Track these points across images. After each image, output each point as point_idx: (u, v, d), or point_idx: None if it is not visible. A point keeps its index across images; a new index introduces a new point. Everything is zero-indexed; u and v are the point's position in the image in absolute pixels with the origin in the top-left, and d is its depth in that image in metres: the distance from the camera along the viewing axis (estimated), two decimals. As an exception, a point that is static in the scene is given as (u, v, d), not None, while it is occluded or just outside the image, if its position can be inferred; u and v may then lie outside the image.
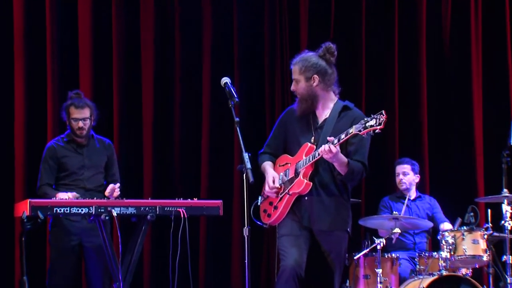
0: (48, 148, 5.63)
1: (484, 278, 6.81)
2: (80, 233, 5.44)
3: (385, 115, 4.17)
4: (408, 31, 7.93)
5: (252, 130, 7.22)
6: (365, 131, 4.23)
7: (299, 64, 4.58)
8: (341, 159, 4.35)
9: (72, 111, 5.54)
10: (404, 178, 6.86)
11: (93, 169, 5.60)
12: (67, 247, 5.43)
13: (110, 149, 5.78)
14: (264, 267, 7.35)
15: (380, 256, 6.09)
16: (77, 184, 5.52)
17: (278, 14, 7.67)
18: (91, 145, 5.65)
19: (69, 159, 5.55)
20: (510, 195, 6.20)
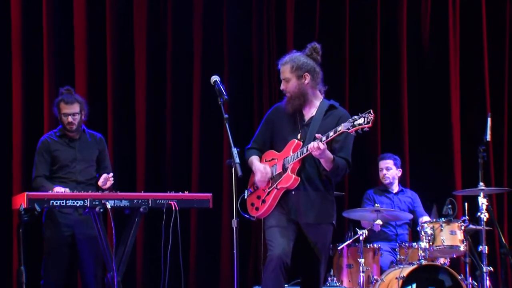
0: (42, 141, 5.61)
1: (461, 267, 6.84)
2: (73, 225, 5.43)
3: (372, 114, 4.18)
4: (390, 31, 7.94)
5: (240, 126, 7.23)
6: (354, 129, 4.23)
7: (290, 64, 4.56)
8: (328, 156, 4.35)
9: (62, 106, 5.53)
10: (388, 173, 6.88)
11: (84, 162, 5.58)
12: (60, 238, 5.41)
13: (102, 143, 5.76)
14: (252, 257, 7.36)
15: (363, 246, 6.11)
16: (69, 177, 5.50)
17: (266, 16, 7.67)
18: (82, 139, 5.63)
19: (61, 152, 5.53)
20: (486, 189, 6.23)
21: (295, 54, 4.62)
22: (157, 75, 7.44)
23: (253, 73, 7.63)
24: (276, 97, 7.34)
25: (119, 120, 7.26)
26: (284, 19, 7.71)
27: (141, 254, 7.16)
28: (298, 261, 4.54)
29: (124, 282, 5.18)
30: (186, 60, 7.51)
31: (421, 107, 7.98)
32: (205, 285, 7.41)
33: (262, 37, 7.65)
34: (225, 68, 7.51)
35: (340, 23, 7.83)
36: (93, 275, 5.45)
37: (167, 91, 7.42)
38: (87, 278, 5.49)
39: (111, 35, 7.23)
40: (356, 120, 4.23)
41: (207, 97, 7.16)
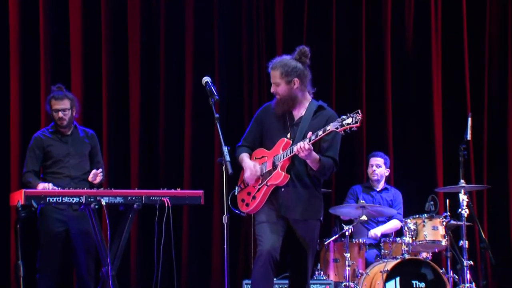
0: (35, 138, 5.59)
1: (443, 261, 6.85)
2: (67, 220, 5.41)
3: (360, 114, 4.18)
4: (374, 33, 7.95)
5: (231, 125, 7.23)
6: (342, 129, 4.23)
7: (280, 69, 4.52)
8: (314, 157, 4.34)
9: (53, 102, 5.51)
10: (377, 170, 6.86)
11: (77, 156, 5.56)
12: (55, 233, 5.40)
13: (94, 139, 5.73)
14: (242, 252, 7.36)
15: (348, 241, 6.11)
16: (63, 172, 5.48)
17: (255, 19, 7.67)
18: (75, 135, 5.61)
19: (54, 147, 5.51)
20: (466, 186, 6.25)
21: (285, 58, 4.59)
22: (150, 75, 7.43)
23: (243, 74, 7.63)
24: (266, 97, 7.35)
25: (113, 119, 7.25)
26: (273, 21, 7.71)
27: (135, 249, 7.14)
28: (287, 256, 4.54)
29: (119, 276, 5.17)
30: (179, 61, 7.50)
31: (404, 107, 7.99)
32: (196, 278, 7.40)
33: (252, 38, 7.65)
34: (216, 69, 7.51)
35: (327, 25, 7.83)
36: (86, 269, 5.44)
37: (160, 92, 7.42)
38: (81, 272, 5.47)
39: (106, 36, 7.22)
40: (344, 120, 4.23)
41: (199, 97, 7.14)
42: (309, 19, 7.80)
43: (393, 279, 5.81)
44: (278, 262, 4.42)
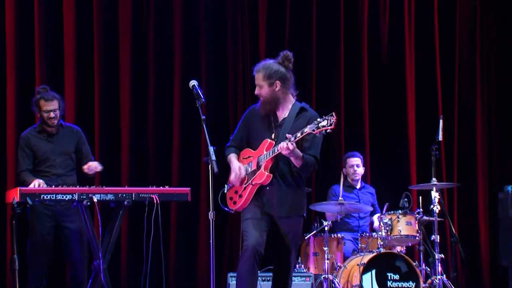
0: (22, 137, 5.53)
1: (416, 255, 6.86)
2: (56, 215, 5.36)
3: (335, 117, 4.18)
4: (352, 38, 7.96)
5: (217, 126, 7.21)
6: (318, 131, 4.22)
7: (262, 72, 4.52)
8: (297, 154, 4.34)
9: (43, 104, 5.43)
10: (358, 169, 6.86)
11: (63, 155, 5.50)
12: (45, 228, 5.34)
13: (79, 134, 5.67)
14: (228, 247, 7.34)
15: (328, 236, 6.11)
16: (50, 170, 5.43)
17: (240, 25, 7.66)
18: (60, 133, 5.54)
19: (40, 147, 5.45)
20: (438, 184, 6.27)
21: (268, 62, 4.58)
22: (140, 78, 7.42)
23: (228, 78, 7.62)
24: (250, 99, 7.35)
25: (105, 120, 7.24)
26: (257, 27, 7.71)
27: (125, 244, 7.12)
28: (271, 250, 4.53)
29: (110, 269, 5.13)
30: (167, 65, 7.49)
31: (380, 109, 8.00)
32: (184, 272, 7.38)
33: (237, 44, 7.64)
34: (202, 73, 7.50)
35: (308, 32, 7.83)
36: (80, 260, 5.37)
37: (150, 94, 7.41)
38: (74, 263, 5.41)
39: (97, 40, 7.20)
40: (320, 122, 4.23)
41: (186, 100, 7.13)
42: (290, 27, 7.80)
43: (369, 271, 5.82)
44: (263, 256, 4.41)
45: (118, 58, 7.30)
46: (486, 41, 8.29)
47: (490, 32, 8.30)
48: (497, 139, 8.06)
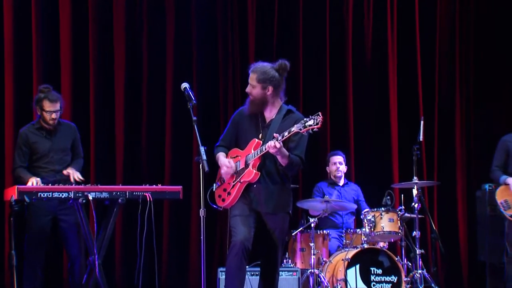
0: (20, 134, 5.47)
1: (398, 250, 6.87)
2: (52, 209, 5.31)
3: (321, 116, 4.18)
4: (337, 41, 7.97)
5: (207, 127, 7.19)
6: (305, 130, 4.22)
7: (258, 74, 4.50)
8: (284, 153, 4.34)
9: (47, 105, 5.35)
10: (340, 167, 6.87)
11: (60, 151, 5.46)
12: (41, 222, 5.30)
13: (75, 132, 5.62)
14: (218, 242, 7.33)
15: (314, 232, 6.11)
16: (48, 166, 5.38)
17: (230, 28, 7.66)
18: (58, 131, 5.48)
19: (39, 144, 5.40)
20: (419, 182, 6.28)
21: (267, 65, 4.55)
22: (134, 81, 7.39)
23: (219, 80, 7.61)
24: (239, 101, 7.34)
25: (100, 120, 7.21)
26: (246, 31, 7.70)
27: (119, 240, 7.09)
28: (259, 246, 4.52)
29: (104, 264, 5.11)
30: (160, 68, 7.47)
31: (364, 110, 8.01)
32: (176, 267, 7.36)
33: (227, 47, 7.63)
34: (194, 76, 7.49)
35: (295, 32, 7.84)
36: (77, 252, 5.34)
37: (143, 96, 7.38)
38: (72, 255, 5.38)
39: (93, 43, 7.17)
40: (307, 121, 4.22)
41: (178, 102, 7.11)
42: (278, 31, 7.80)
43: (354, 266, 5.82)
44: (250, 251, 4.40)
45: (113, 60, 7.28)
46: (465, 46, 8.32)
47: (468, 37, 8.33)
48: (475, 140, 8.09)
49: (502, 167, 5.68)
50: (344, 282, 5.72)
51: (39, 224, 5.30)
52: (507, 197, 5.60)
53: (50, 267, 6.60)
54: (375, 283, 5.80)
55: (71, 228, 5.31)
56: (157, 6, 7.46)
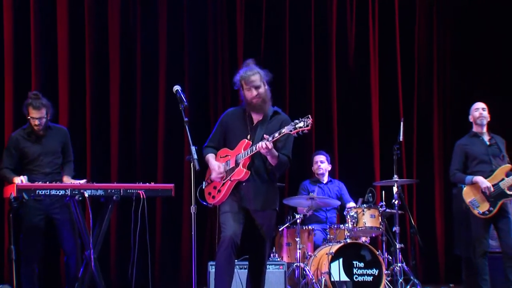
0: (11, 138, 5.42)
1: (379, 244, 6.90)
2: (45, 208, 5.27)
3: (311, 119, 4.17)
4: (322, 47, 7.99)
5: (198, 128, 7.17)
6: (295, 131, 4.21)
7: (259, 74, 4.46)
8: (274, 153, 4.33)
9: (31, 111, 5.27)
10: (321, 165, 6.88)
11: (50, 155, 5.39)
12: (35, 219, 5.26)
13: (65, 136, 5.55)
14: (208, 238, 7.32)
15: (299, 228, 6.12)
16: (38, 169, 5.32)
17: (220, 35, 7.66)
18: (48, 135, 5.40)
19: (29, 148, 5.34)
20: (399, 180, 6.30)
21: (254, 67, 4.52)
22: (128, 84, 7.38)
23: (209, 83, 7.61)
24: (228, 102, 7.35)
25: (96, 122, 7.18)
26: (235, 37, 7.70)
27: (114, 235, 7.06)
28: (247, 241, 4.52)
29: (100, 259, 5.09)
30: (153, 71, 7.46)
31: (347, 112, 8.04)
32: (168, 260, 7.34)
33: (217, 52, 7.63)
34: (186, 79, 7.48)
35: (282, 38, 7.85)
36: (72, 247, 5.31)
37: (137, 99, 7.38)
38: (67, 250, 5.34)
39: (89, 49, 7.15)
40: (297, 123, 4.21)
41: (171, 104, 7.10)
42: (266, 38, 7.81)
43: (337, 260, 5.83)
44: (239, 246, 4.39)
45: (108, 64, 7.26)
46: (442, 53, 8.38)
47: (445, 44, 8.40)
48: (452, 140, 8.10)
49: (461, 170, 5.73)
50: (328, 275, 5.73)
51: (33, 223, 5.25)
52: (473, 196, 5.63)
53: (47, 262, 6.59)
54: (358, 275, 5.81)
55: (65, 224, 5.27)
56: (150, 13, 7.46)
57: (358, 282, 5.78)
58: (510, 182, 5.53)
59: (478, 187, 5.59)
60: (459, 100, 8.26)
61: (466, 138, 5.87)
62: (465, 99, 8.21)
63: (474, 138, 5.81)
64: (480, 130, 5.80)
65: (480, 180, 5.58)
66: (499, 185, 5.57)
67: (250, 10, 7.77)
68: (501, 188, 5.56)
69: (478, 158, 5.71)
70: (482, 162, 5.69)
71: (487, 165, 5.67)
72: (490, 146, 5.75)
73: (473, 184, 5.62)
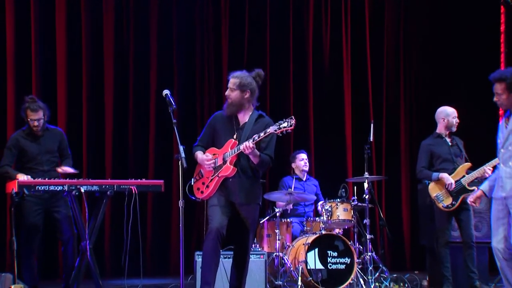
0: (11, 138, 5.38)
1: (351, 235, 6.92)
2: (44, 202, 5.23)
3: (294, 119, 4.18)
4: (300, 56, 8.02)
5: (186, 128, 7.18)
6: (280, 131, 4.21)
7: (239, 79, 4.47)
8: (255, 153, 4.34)
9: (29, 113, 5.25)
10: (306, 163, 6.88)
11: (48, 154, 5.35)
12: (35, 213, 5.21)
13: (61, 136, 5.50)
14: (195, 229, 7.32)
15: (279, 220, 6.12)
16: (37, 167, 5.28)
17: (206, 44, 7.66)
18: (45, 135, 5.37)
19: (29, 147, 5.30)
20: (369, 177, 6.32)
21: (245, 73, 4.54)
22: (122, 87, 7.37)
23: (196, 88, 7.61)
24: (214, 106, 7.34)
25: (91, 123, 7.15)
26: (220, 45, 7.70)
27: (108, 228, 7.03)
28: (232, 232, 4.51)
29: (95, 249, 5.06)
30: (145, 76, 7.45)
31: (323, 115, 8.07)
32: (158, 251, 7.33)
33: (203, 59, 7.64)
34: (175, 84, 7.47)
35: (263, 48, 7.86)
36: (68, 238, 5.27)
37: (130, 101, 7.36)
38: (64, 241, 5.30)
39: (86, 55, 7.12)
40: (281, 124, 4.22)
41: (161, 107, 7.08)
42: (249, 47, 7.82)
43: (313, 250, 5.83)
44: (225, 237, 4.39)
45: (103, 69, 7.23)
46: (408, 61, 8.44)
47: (411, 54, 8.46)
48: (417, 140, 8.15)
49: (427, 168, 5.79)
50: (304, 263, 5.74)
51: (32, 215, 5.21)
52: (438, 191, 5.68)
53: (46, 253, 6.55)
54: (332, 264, 5.82)
55: (63, 218, 5.25)
56: (142, 23, 7.45)
57: (332, 270, 5.79)
58: (470, 179, 5.60)
59: (442, 183, 5.65)
60: (423, 104, 8.34)
61: (431, 138, 5.92)
62: (429, 104, 8.30)
63: (438, 139, 5.86)
64: (444, 132, 5.85)
65: (445, 176, 5.64)
66: (460, 181, 5.63)
67: (233, 22, 7.78)
68: (462, 184, 5.62)
69: (442, 157, 5.76)
70: (445, 160, 5.74)
71: (450, 163, 5.73)
72: (452, 146, 5.81)
73: (439, 180, 5.67)
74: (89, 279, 5.15)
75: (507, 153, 4.19)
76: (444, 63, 8.40)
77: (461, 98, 7.42)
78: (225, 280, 4.85)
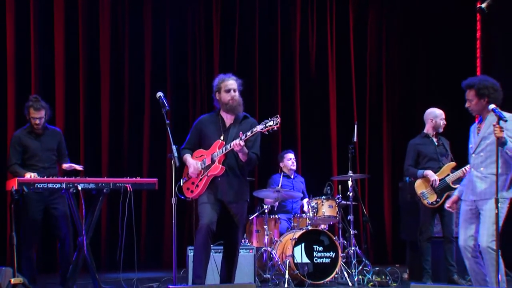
0: (14, 136, 5.37)
1: (336, 231, 6.94)
2: (44, 200, 5.21)
3: (279, 118, 4.20)
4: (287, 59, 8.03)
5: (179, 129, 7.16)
6: (266, 129, 4.22)
7: (238, 81, 4.52)
8: (244, 151, 4.34)
9: (32, 111, 5.26)
10: (294, 162, 6.90)
11: (48, 151, 5.34)
12: (34, 210, 5.18)
13: (60, 136, 5.49)
14: (187, 225, 7.30)
15: (267, 217, 6.13)
16: (38, 164, 5.26)
17: (198, 50, 7.66)
18: (46, 134, 5.36)
19: (30, 145, 5.29)
20: (353, 175, 6.34)
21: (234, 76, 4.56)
22: (117, 90, 7.33)
23: (188, 90, 7.61)
24: (206, 108, 7.34)
25: (88, 123, 7.13)
26: (211, 50, 7.70)
27: (104, 224, 7.01)
28: (222, 228, 4.52)
29: (91, 244, 5.04)
30: (139, 79, 7.44)
31: (309, 116, 8.09)
32: (152, 246, 7.31)
33: (195, 63, 7.63)
34: (168, 86, 7.46)
35: (252, 54, 7.86)
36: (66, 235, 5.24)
37: (125, 103, 7.35)
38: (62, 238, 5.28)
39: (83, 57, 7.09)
40: (267, 122, 4.23)
41: (155, 108, 7.08)
42: (239, 52, 7.82)
43: (300, 244, 5.84)
44: (215, 233, 4.39)
45: (99, 72, 7.21)
46: (390, 67, 8.48)
47: (393, 60, 8.51)
48: (398, 141, 8.25)
49: (414, 166, 5.82)
50: (291, 257, 5.75)
51: (32, 212, 5.19)
52: (423, 189, 5.71)
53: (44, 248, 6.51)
54: (317, 258, 5.83)
55: (61, 214, 5.24)
56: (136, 28, 7.43)
57: (318, 263, 5.80)
58: (454, 177, 5.63)
59: (428, 181, 5.67)
60: (405, 107, 8.39)
61: (419, 138, 5.93)
62: (410, 106, 8.37)
63: (425, 138, 5.88)
64: (432, 132, 5.87)
65: (430, 173, 5.67)
66: (445, 179, 5.66)
67: (224, 27, 7.78)
68: (447, 182, 5.65)
69: (428, 156, 5.79)
70: (431, 159, 5.77)
71: (436, 162, 5.75)
72: (438, 146, 5.84)
73: (424, 177, 5.70)
74: (86, 273, 5.13)
75: (478, 159, 4.21)
76: (423, 69, 8.45)
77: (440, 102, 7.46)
78: (216, 273, 4.85)
